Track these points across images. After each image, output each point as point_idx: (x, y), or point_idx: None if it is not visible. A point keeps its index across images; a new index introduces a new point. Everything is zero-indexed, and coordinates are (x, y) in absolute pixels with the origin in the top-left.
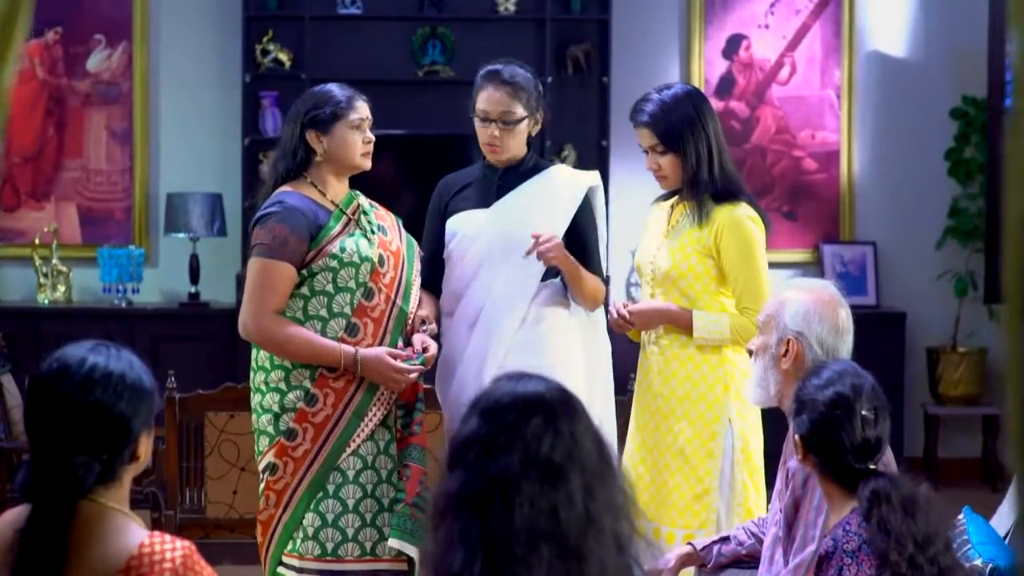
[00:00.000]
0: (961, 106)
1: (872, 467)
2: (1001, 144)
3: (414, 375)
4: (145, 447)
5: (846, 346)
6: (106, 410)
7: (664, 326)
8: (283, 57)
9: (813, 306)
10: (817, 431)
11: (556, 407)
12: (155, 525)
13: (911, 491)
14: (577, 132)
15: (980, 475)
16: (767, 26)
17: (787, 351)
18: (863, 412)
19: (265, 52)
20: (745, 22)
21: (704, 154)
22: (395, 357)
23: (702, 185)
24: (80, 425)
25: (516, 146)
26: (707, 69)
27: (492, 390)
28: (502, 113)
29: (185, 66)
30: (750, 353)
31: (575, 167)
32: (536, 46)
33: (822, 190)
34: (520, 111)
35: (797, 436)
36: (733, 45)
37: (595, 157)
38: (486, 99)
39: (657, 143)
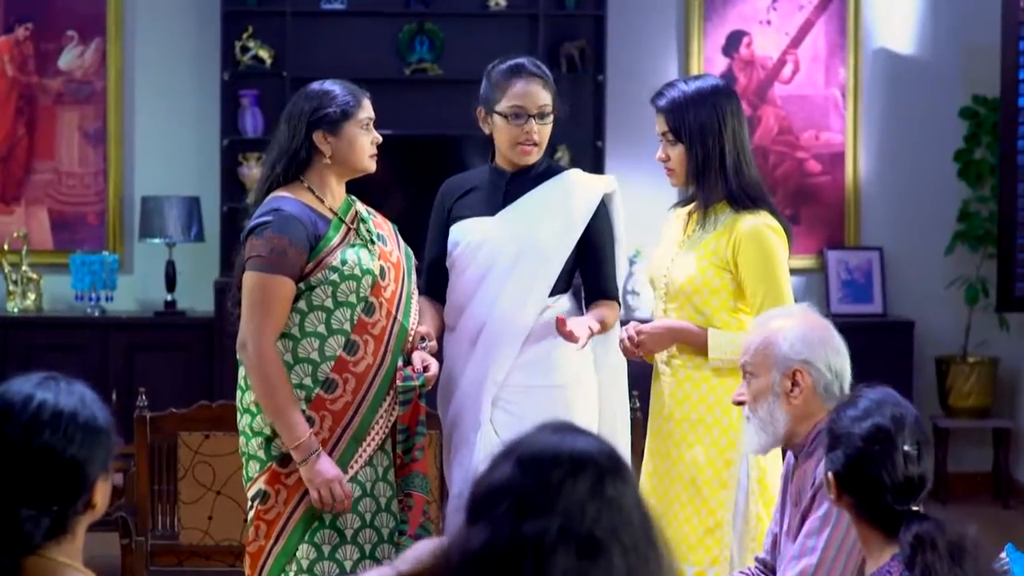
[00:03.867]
0: (972, 105)
1: (915, 508)
2: (1013, 145)
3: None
4: (102, 494)
5: (848, 366)
6: (57, 455)
7: (677, 345)
8: (263, 54)
9: (808, 330)
10: (853, 468)
11: (606, 471)
12: (125, 552)
13: (958, 535)
14: (571, 132)
15: (991, 491)
16: (769, 22)
17: (795, 384)
18: (905, 447)
19: (245, 49)
20: (746, 18)
21: (714, 154)
22: (342, 491)
23: (708, 186)
24: (27, 473)
25: (545, 145)
26: (707, 67)
27: (533, 438)
28: (541, 107)
29: (161, 64)
30: (737, 404)
31: (553, 166)
32: (528, 43)
33: (826, 193)
34: (551, 106)
35: (830, 473)
36: (733, 42)
37: (590, 158)
38: (522, 94)
39: (668, 131)
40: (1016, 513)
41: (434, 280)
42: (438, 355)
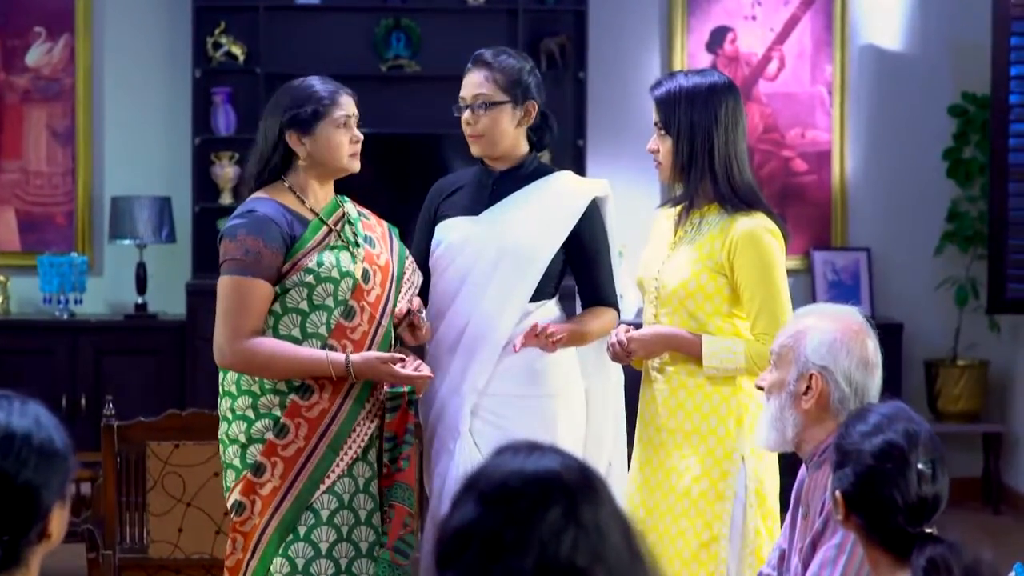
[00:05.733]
0: (961, 103)
1: (928, 531)
2: (1004, 143)
3: (423, 372)
4: (57, 522)
5: (875, 382)
6: (8, 480)
7: (670, 353)
8: (236, 50)
9: (839, 336)
10: (863, 487)
11: (577, 491)
12: (91, 566)
13: (974, 559)
14: None
15: (980, 496)
16: (754, 18)
17: (809, 388)
18: (919, 465)
19: (217, 45)
20: (730, 13)
21: (702, 153)
22: (391, 362)
23: (693, 185)
24: None
25: (498, 137)
26: (690, 63)
27: (494, 467)
28: (475, 96)
29: (131, 60)
30: (760, 389)
31: (543, 167)
32: (508, 39)
33: (813, 193)
34: (497, 95)
35: (838, 493)
36: (717, 38)
37: (571, 157)
38: (465, 83)
39: (658, 121)
40: (1007, 519)
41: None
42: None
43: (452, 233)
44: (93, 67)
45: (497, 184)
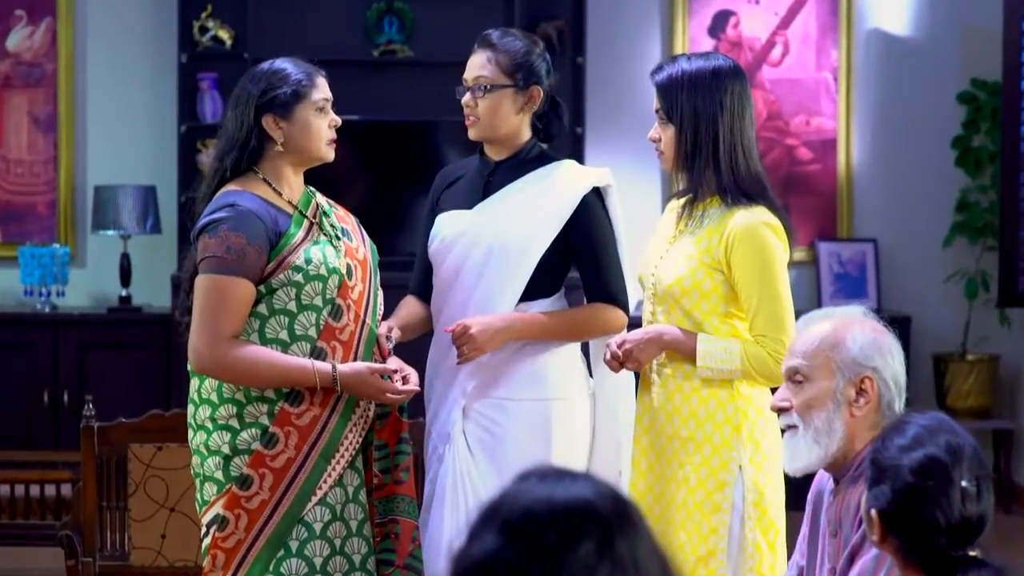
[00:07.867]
0: (971, 90)
1: (972, 554)
2: (1015, 131)
3: (407, 392)
4: None
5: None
6: None
7: (666, 353)
8: (223, 35)
9: (878, 336)
10: (901, 506)
11: (612, 522)
12: (71, 573)
13: None
14: None
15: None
16: (757, 1)
17: (862, 392)
18: (963, 483)
19: (203, 29)
20: None
21: (706, 142)
22: (380, 374)
23: (697, 175)
24: None
25: (498, 123)
26: (691, 48)
27: (518, 493)
28: (476, 78)
29: (115, 45)
30: (778, 412)
31: (545, 156)
32: (504, 23)
33: (818, 182)
34: (499, 78)
35: (874, 512)
36: (720, 22)
37: (568, 145)
38: (468, 64)
39: (659, 108)
40: (1019, 519)
41: (422, 277)
42: (418, 365)
43: (446, 227)
44: (76, 52)
45: (493, 175)
